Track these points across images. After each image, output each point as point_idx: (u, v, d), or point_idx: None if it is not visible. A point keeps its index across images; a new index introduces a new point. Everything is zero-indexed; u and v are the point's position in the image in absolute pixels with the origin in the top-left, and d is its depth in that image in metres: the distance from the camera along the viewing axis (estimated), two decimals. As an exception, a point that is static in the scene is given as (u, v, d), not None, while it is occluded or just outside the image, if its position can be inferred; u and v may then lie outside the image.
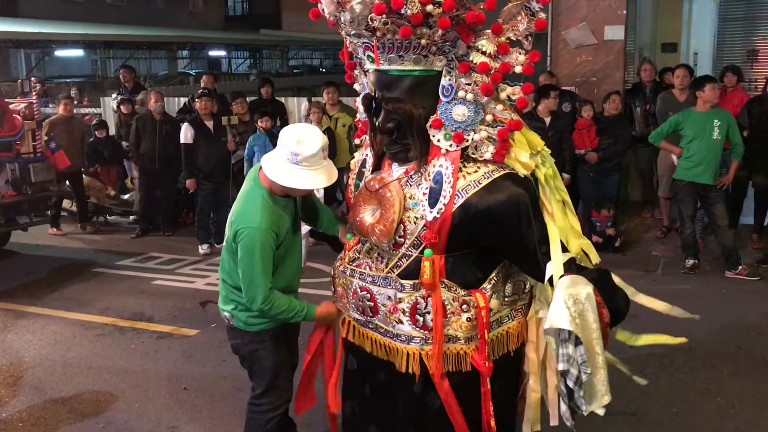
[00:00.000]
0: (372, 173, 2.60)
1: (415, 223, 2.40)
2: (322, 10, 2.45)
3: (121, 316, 5.80)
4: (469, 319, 2.43)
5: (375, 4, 2.17)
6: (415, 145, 2.39)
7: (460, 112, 2.32)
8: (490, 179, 2.32)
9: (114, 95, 10.35)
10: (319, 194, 3.28)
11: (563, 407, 2.27)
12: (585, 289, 2.21)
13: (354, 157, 2.85)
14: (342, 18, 2.31)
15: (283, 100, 9.66)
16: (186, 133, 7.47)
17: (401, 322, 2.47)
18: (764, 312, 5.52)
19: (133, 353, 5.07)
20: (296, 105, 9.67)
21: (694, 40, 15.31)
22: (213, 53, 33.39)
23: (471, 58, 2.30)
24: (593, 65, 8.05)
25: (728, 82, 7.67)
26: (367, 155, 2.66)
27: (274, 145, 8.17)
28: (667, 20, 14.36)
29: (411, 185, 2.42)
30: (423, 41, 2.25)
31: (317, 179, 2.69)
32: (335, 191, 7.78)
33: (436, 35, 2.25)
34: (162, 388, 4.49)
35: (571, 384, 2.19)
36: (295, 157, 2.67)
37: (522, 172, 2.40)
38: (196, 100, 7.74)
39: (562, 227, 2.49)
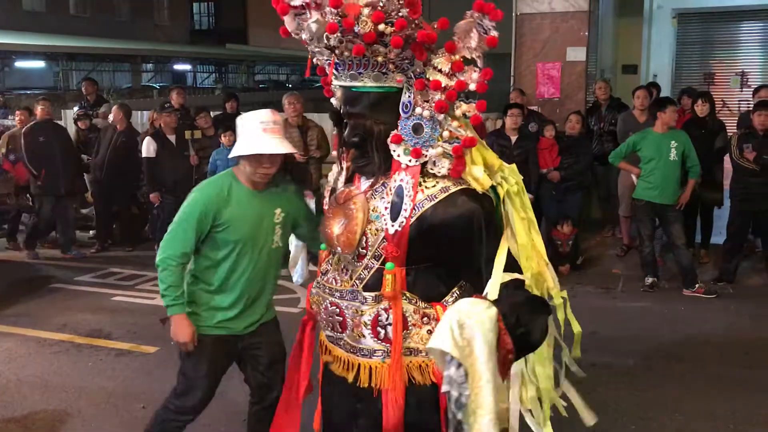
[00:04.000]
0: (344, 186, 2.63)
1: (375, 235, 2.42)
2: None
3: (79, 333, 5.69)
4: (429, 332, 2.41)
5: (328, 24, 2.21)
6: (376, 159, 2.44)
7: (419, 128, 2.37)
8: (447, 194, 2.37)
9: (75, 108, 10.21)
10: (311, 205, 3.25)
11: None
12: (485, 313, 2.13)
13: (331, 170, 2.85)
14: (303, 36, 2.36)
15: (248, 115, 9.62)
16: (148, 147, 7.40)
17: (363, 336, 2.48)
18: (720, 329, 5.64)
19: (90, 371, 4.97)
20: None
21: (653, 63, 15.69)
22: (178, 67, 33.20)
23: (427, 76, 2.35)
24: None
25: (685, 104, 7.88)
26: (341, 169, 2.70)
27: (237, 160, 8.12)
28: (628, 42, 14.72)
29: (375, 198, 2.46)
30: (379, 59, 2.30)
31: (278, 145, 2.87)
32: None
33: (391, 53, 2.29)
34: (119, 407, 4.41)
35: (452, 407, 2.11)
36: (252, 125, 2.87)
37: (478, 188, 2.41)
38: (163, 114, 7.67)
39: (524, 245, 2.50)
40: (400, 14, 2.22)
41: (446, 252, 2.42)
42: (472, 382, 2.07)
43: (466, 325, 2.09)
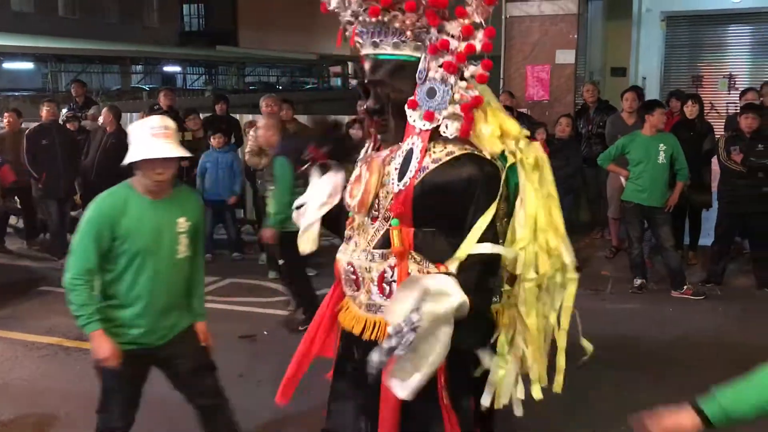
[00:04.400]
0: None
1: (386, 197, 2.52)
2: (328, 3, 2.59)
3: (67, 336, 5.64)
4: None
5: None
6: (392, 126, 2.55)
7: (432, 92, 2.46)
8: (451, 157, 2.46)
9: (64, 110, 10.15)
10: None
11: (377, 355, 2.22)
12: (449, 304, 2.25)
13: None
14: (331, 3, 2.50)
15: (238, 117, 9.61)
16: (137, 149, 7.36)
17: (371, 292, 2.58)
18: (709, 331, 5.68)
19: (78, 375, 4.93)
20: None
21: (642, 65, 15.77)
22: (168, 69, 33.09)
23: (438, 40, 2.44)
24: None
25: (673, 107, 7.93)
26: (368, 141, 2.81)
27: (227, 161, 8.09)
28: (617, 45, 14.80)
29: (392, 163, 2.55)
30: (397, 25, 2.41)
31: (169, 149, 2.88)
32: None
33: (407, 19, 2.40)
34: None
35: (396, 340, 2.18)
36: (143, 131, 2.91)
37: (486, 150, 2.49)
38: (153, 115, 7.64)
39: (531, 215, 2.53)
40: None
41: (448, 214, 2.49)
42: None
43: (428, 311, 2.20)
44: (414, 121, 2.48)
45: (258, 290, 6.83)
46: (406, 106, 2.49)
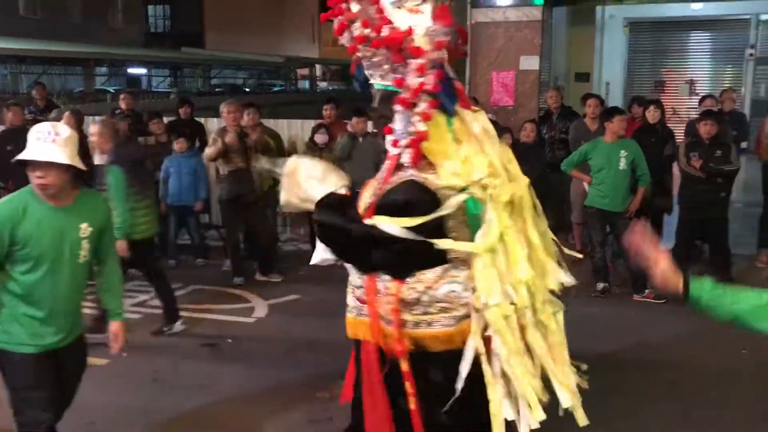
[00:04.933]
0: None
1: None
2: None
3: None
4: (388, 303, 2.84)
5: (337, 26, 2.72)
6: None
7: (396, 121, 2.76)
8: (395, 184, 2.78)
9: (25, 113, 9.95)
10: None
11: None
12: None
13: None
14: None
15: (202, 120, 9.51)
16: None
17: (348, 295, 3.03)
18: (669, 334, 5.75)
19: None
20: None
21: (606, 70, 15.98)
22: (132, 70, 32.70)
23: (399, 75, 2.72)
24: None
25: (635, 112, 8.05)
26: None
27: (191, 166, 8.00)
28: (581, 51, 14.96)
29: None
30: (375, 59, 2.71)
31: (45, 153, 2.92)
32: None
33: (379, 56, 2.70)
34: (69, 422, 4.25)
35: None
36: (31, 135, 2.97)
37: (446, 183, 2.73)
38: (115, 120, 7.52)
39: (487, 248, 2.74)
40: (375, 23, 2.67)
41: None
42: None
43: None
44: (388, 146, 2.79)
45: (222, 297, 6.76)
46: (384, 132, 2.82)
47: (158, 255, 6.82)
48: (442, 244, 2.74)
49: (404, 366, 2.88)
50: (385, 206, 2.78)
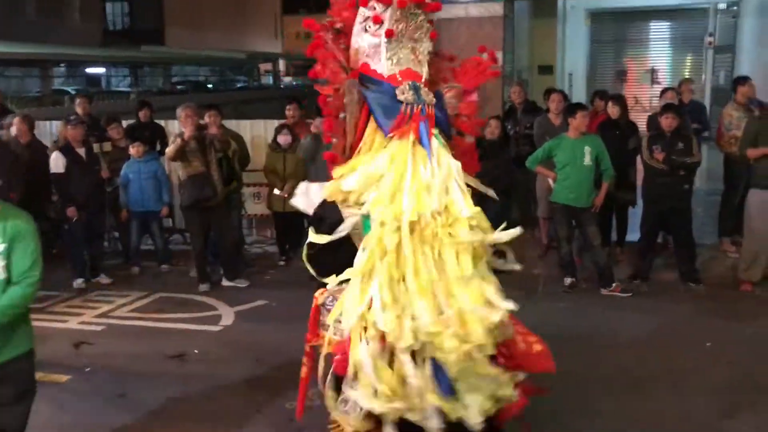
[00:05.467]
0: None
1: None
2: None
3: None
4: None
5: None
6: None
7: None
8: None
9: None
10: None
11: None
12: None
13: None
14: None
15: (163, 123, 9.33)
16: (57, 162, 7.06)
17: None
18: (637, 329, 5.79)
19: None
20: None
21: (568, 62, 16.05)
22: (91, 70, 32.09)
23: None
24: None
25: (597, 106, 8.07)
26: None
27: (150, 171, 7.82)
28: (543, 43, 15.01)
29: None
30: None
31: None
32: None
33: None
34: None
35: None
36: None
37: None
38: (68, 127, 7.33)
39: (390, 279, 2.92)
40: None
41: None
42: None
43: None
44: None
45: (188, 305, 6.65)
46: None
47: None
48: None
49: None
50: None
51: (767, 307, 6.26)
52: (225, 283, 7.21)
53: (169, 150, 6.87)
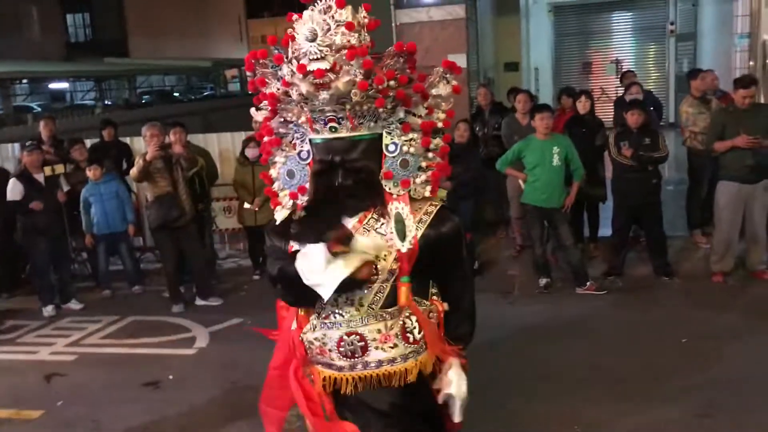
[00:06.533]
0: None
1: (385, 259, 2.75)
2: (280, 89, 2.77)
3: None
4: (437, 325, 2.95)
5: (360, 82, 2.63)
6: (371, 195, 2.81)
7: (405, 163, 2.83)
8: (434, 213, 2.84)
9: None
10: None
11: None
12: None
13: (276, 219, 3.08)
14: (320, 97, 2.68)
15: (128, 140, 9.18)
16: (14, 189, 6.91)
17: (396, 346, 2.81)
18: (612, 329, 5.81)
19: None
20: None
21: (533, 57, 16.18)
22: (54, 86, 31.58)
23: (409, 120, 2.82)
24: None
25: (565, 103, 8.10)
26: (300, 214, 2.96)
27: (111, 191, 7.63)
28: (507, 41, 15.08)
29: (368, 229, 2.81)
30: (380, 109, 2.73)
31: None
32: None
33: (389, 104, 2.75)
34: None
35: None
36: None
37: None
38: (24, 153, 7.17)
39: None
40: (404, 72, 2.75)
41: (439, 259, 2.89)
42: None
43: None
44: (389, 188, 2.82)
45: (162, 328, 6.54)
46: (381, 177, 2.82)
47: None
48: None
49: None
50: (436, 239, 2.94)
51: (739, 297, 6.32)
52: (199, 302, 7.12)
53: (133, 171, 6.76)
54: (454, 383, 2.84)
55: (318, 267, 2.66)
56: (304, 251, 2.76)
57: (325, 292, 2.67)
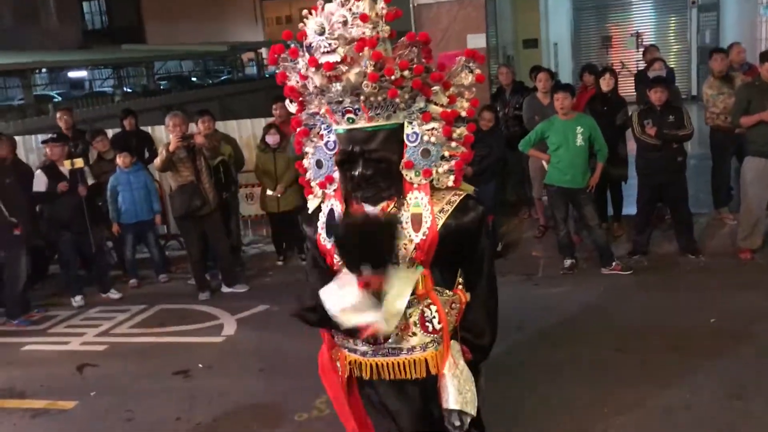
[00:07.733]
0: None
1: (405, 248, 2.76)
2: (299, 83, 2.81)
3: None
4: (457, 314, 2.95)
5: (370, 74, 2.61)
6: (392, 185, 2.83)
7: (426, 152, 2.82)
8: (457, 202, 2.84)
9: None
10: None
11: None
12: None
13: (309, 208, 3.10)
14: (332, 88, 2.69)
15: (150, 129, 9.22)
16: (39, 181, 6.98)
17: (415, 335, 2.84)
18: (639, 309, 5.76)
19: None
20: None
21: (552, 33, 15.99)
22: (73, 74, 31.75)
23: (428, 109, 2.80)
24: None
25: (587, 81, 7.99)
26: (333, 205, 2.95)
27: (140, 180, 7.67)
28: (526, 17, 14.91)
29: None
30: (397, 100, 2.72)
31: None
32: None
33: (406, 94, 2.73)
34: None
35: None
36: None
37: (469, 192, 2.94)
38: (48, 145, 7.20)
39: None
40: (420, 61, 2.71)
41: (461, 248, 2.90)
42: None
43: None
44: (410, 178, 2.82)
45: (190, 316, 6.61)
46: (402, 167, 2.81)
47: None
48: None
49: None
50: (457, 229, 2.93)
51: (768, 274, 6.25)
52: (224, 289, 7.17)
53: (156, 162, 6.80)
54: (451, 396, 2.82)
55: (341, 305, 2.67)
56: (339, 284, 2.78)
57: (337, 325, 2.73)
